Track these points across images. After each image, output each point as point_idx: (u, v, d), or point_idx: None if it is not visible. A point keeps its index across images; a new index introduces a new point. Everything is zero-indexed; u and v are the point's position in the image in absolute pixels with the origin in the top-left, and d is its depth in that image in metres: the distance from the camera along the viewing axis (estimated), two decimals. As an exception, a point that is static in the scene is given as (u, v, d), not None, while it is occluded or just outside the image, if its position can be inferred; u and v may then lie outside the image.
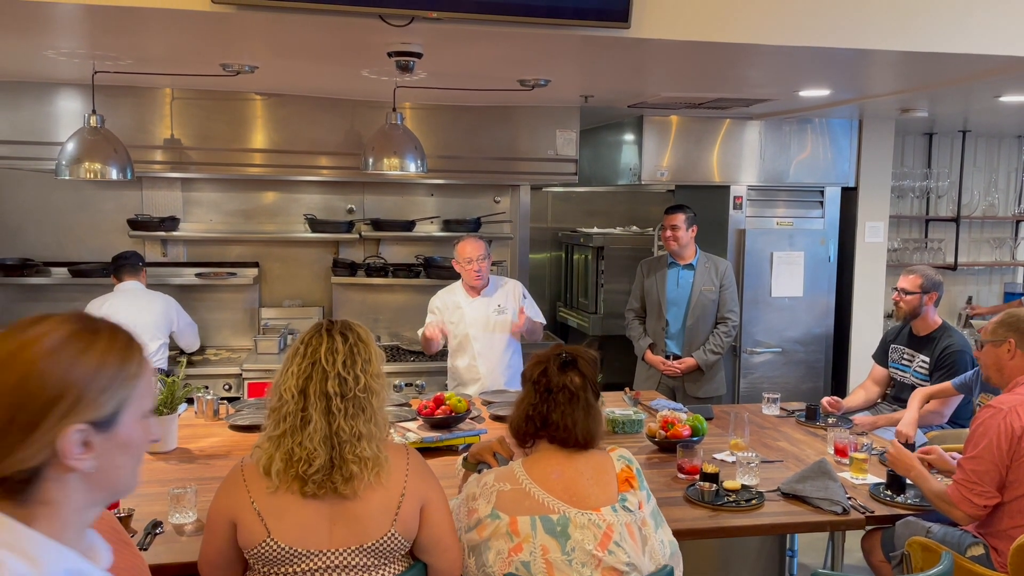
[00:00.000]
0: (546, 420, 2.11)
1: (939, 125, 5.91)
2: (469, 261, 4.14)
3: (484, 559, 2.05)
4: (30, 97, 4.45)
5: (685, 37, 2.94)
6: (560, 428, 2.10)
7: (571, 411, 2.10)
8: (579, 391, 2.13)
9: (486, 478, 2.14)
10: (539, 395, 2.13)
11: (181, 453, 3.21)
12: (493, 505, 2.06)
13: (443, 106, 4.91)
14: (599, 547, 2.00)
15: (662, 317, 4.66)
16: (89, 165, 3.68)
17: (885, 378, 4.22)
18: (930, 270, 4.02)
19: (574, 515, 2.03)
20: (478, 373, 4.24)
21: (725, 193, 5.41)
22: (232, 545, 1.99)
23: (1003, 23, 3.10)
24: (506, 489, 2.07)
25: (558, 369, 2.14)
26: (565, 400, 2.10)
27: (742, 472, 2.95)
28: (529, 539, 2.01)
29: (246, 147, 4.73)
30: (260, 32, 3.03)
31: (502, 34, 2.90)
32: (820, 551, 4.02)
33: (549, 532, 2.01)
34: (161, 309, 4.50)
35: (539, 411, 2.12)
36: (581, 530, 2.01)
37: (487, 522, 2.05)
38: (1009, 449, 2.52)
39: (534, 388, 2.15)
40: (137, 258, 4.56)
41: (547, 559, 1.99)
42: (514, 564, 2.00)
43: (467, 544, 2.10)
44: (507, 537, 2.02)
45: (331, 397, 1.95)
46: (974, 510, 2.56)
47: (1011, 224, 6.63)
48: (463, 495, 2.20)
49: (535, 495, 2.05)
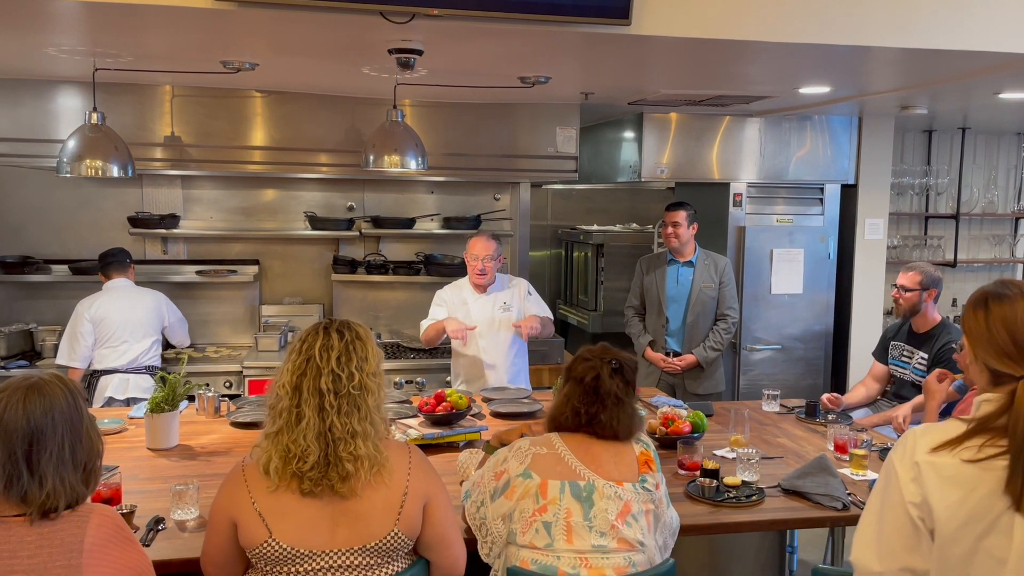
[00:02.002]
0: (593, 419, 2.24)
1: (939, 122, 5.91)
2: (475, 258, 4.14)
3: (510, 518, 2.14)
4: (31, 94, 4.45)
5: (685, 34, 2.95)
6: (607, 427, 2.24)
7: (617, 413, 2.25)
8: (625, 397, 2.27)
9: (520, 442, 2.26)
10: (587, 395, 2.25)
11: (182, 450, 3.21)
12: (527, 465, 2.17)
13: (443, 103, 4.91)
14: (619, 518, 2.13)
15: (662, 314, 4.67)
16: (90, 163, 3.68)
17: (885, 375, 4.23)
18: (929, 267, 4.02)
19: (601, 485, 2.15)
20: (482, 370, 4.23)
21: (725, 190, 5.42)
22: (233, 543, 1.99)
23: (1003, 20, 3.11)
24: (543, 452, 2.20)
25: (609, 375, 2.26)
26: (614, 404, 2.25)
27: (742, 468, 2.95)
28: (556, 502, 2.12)
29: (246, 144, 4.73)
30: (261, 29, 3.03)
31: (503, 31, 2.91)
32: (820, 547, 4.03)
33: (576, 496, 2.13)
34: (152, 306, 4.48)
35: (589, 411, 2.24)
36: (606, 500, 2.13)
37: (517, 481, 2.16)
38: None
39: (582, 387, 2.26)
40: (124, 255, 4.53)
41: (569, 522, 2.11)
42: (535, 524, 2.11)
43: (494, 514, 2.17)
44: (534, 498, 2.13)
45: (324, 394, 1.95)
46: None
47: (1010, 221, 6.63)
48: (488, 464, 2.29)
49: (568, 461, 2.18)
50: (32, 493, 1.67)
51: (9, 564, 1.63)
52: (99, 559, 1.69)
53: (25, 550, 1.64)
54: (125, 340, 4.35)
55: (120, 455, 3.06)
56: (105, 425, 3.41)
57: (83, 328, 4.30)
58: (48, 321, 4.96)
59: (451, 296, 4.26)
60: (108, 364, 4.33)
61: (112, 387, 4.31)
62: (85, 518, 1.71)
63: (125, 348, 4.35)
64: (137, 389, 4.30)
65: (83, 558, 1.66)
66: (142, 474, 2.91)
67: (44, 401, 1.70)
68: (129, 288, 4.48)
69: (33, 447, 1.67)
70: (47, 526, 1.68)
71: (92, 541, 1.68)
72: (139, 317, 4.40)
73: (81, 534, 1.68)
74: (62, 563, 1.65)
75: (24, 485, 1.67)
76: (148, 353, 4.43)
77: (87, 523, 1.70)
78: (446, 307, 4.22)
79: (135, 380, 4.34)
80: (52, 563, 1.64)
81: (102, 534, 1.71)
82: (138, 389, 4.29)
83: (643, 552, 2.14)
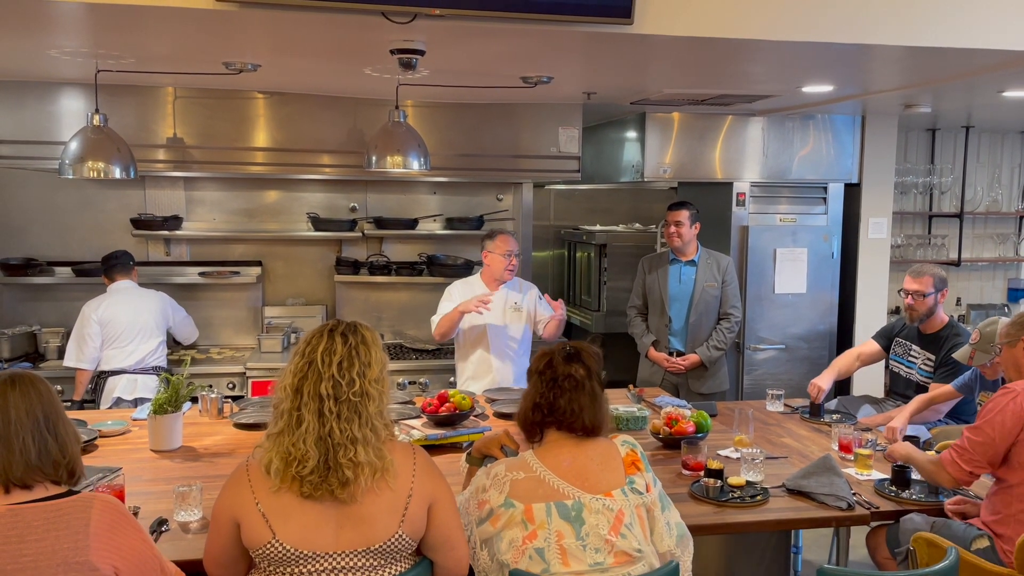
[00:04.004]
0: (553, 407, 2.16)
1: (942, 121, 5.90)
2: (508, 254, 4.19)
3: (497, 548, 2.07)
4: (33, 96, 4.45)
5: (688, 33, 2.94)
6: (567, 413, 2.15)
7: (577, 397, 2.16)
8: (584, 380, 2.19)
9: (496, 468, 2.17)
10: (545, 384, 2.19)
11: (186, 451, 3.21)
12: (506, 494, 2.09)
13: (446, 104, 4.90)
14: (612, 531, 2.05)
15: (665, 314, 4.66)
16: (92, 164, 3.69)
17: (873, 357, 4.26)
18: (935, 268, 4.00)
19: (588, 500, 2.08)
20: (491, 367, 4.25)
21: (728, 190, 5.41)
22: (236, 544, 1.99)
23: (1006, 18, 3.10)
24: (520, 477, 2.11)
25: (563, 360, 2.21)
26: (571, 387, 2.17)
27: (747, 468, 2.94)
28: (544, 526, 2.05)
29: (249, 146, 4.73)
30: (263, 30, 3.03)
31: (505, 30, 2.90)
32: (825, 547, 4.02)
33: (564, 518, 2.05)
34: (157, 307, 4.51)
35: (546, 399, 2.17)
36: (595, 515, 2.06)
37: (500, 511, 2.08)
38: (1015, 428, 2.57)
39: (540, 379, 2.21)
40: (127, 257, 4.55)
41: (562, 545, 2.03)
42: (527, 552, 2.03)
43: (479, 537, 2.12)
44: (522, 525, 2.05)
45: (324, 399, 1.93)
46: (960, 474, 2.68)
47: (1015, 220, 6.62)
48: (471, 488, 2.22)
49: (549, 482, 2.10)
50: (58, 459, 1.83)
51: (18, 548, 1.71)
52: (105, 542, 1.76)
53: (33, 534, 1.73)
54: (132, 341, 4.37)
55: (123, 457, 3.06)
56: (108, 427, 3.42)
57: (91, 330, 4.31)
58: (51, 323, 4.97)
59: (461, 291, 4.29)
60: (116, 365, 4.36)
61: (120, 387, 4.33)
62: (89, 503, 1.80)
63: (132, 349, 4.37)
64: (145, 389, 4.32)
65: (89, 540, 1.74)
66: (145, 476, 2.90)
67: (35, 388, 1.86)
68: (133, 290, 4.49)
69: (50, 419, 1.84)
70: (52, 511, 1.76)
71: (97, 524, 1.77)
72: (146, 319, 4.42)
73: (86, 518, 1.77)
74: (70, 545, 1.73)
75: (51, 452, 1.82)
76: (155, 353, 4.45)
77: (91, 508, 1.79)
78: (455, 302, 4.21)
79: (143, 380, 4.36)
80: (60, 545, 1.72)
81: (106, 519, 1.79)
82: (146, 389, 4.31)
83: (642, 559, 2.09)
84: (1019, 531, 2.49)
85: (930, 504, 2.81)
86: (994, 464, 2.64)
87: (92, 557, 1.73)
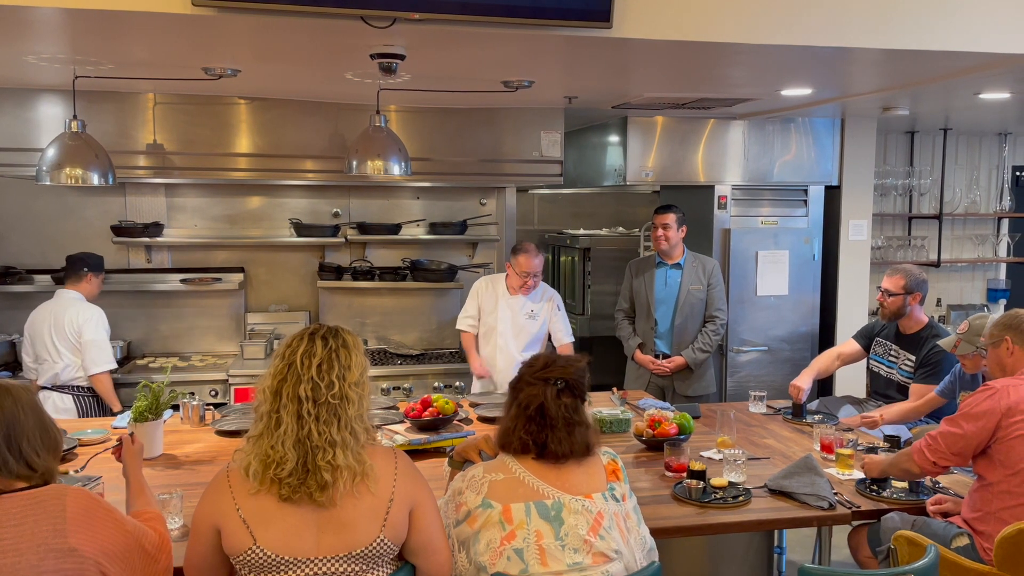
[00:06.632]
0: (544, 447, 2.11)
1: (920, 123, 5.96)
2: (525, 275, 4.37)
3: (475, 550, 2.06)
4: (10, 103, 4.42)
5: (667, 37, 2.96)
6: (558, 453, 2.11)
7: (568, 438, 2.11)
8: (574, 415, 2.14)
9: (473, 471, 2.16)
10: (535, 423, 2.12)
11: (167, 459, 3.19)
12: (484, 495, 2.08)
13: (427, 109, 4.91)
14: (591, 532, 2.05)
15: (651, 317, 4.67)
16: (70, 171, 3.65)
17: (853, 357, 4.30)
18: (914, 269, 4.03)
19: (568, 500, 2.07)
20: (497, 365, 4.43)
21: (710, 193, 5.44)
22: (217, 550, 1.97)
23: (982, 20, 3.14)
24: (498, 479, 2.10)
25: (555, 398, 2.13)
26: (563, 427, 2.11)
27: (729, 469, 2.96)
28: (523, 525, 2.04)
29: (230, 151, 4.71)
30: (242, 34, 3.02)
31: (485, 35, 2.91)
32: (808, 548, 4.04)
33: (544, 517, 2.05)
34: (68, 322, 4.17)
35: (538, 440, 2.11)
36: (575, 515, 2.05)
37: (477, 512, 2.07)
38: (994, 426, 2.59)
39: (527, 416, 2.13)
40: (82, 264, 4.33)
41: (541, 545, 2.02)
42: (505, 553, 2.02)
43: (456, 538, 2.11)
44: (499, 526, 2.04)
45: (303, 401, 1.93)
46: (927, 465, 2.72)
47: (993, 221, 6.69)
48: (449, 492, 2.21)
49: (528, 482, 2.09)
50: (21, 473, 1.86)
51: None
52: (84, 527, 1.82)
53: (10, 520, 1.79)
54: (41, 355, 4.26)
55: (103, 465, 3.03)
56: (88, 435, 3.38)
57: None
58: (31, 332, 4.91)
59: (486, 289, 4.53)
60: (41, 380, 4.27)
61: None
62: (63, 491, 1.87)
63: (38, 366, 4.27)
64: (54, 409, 4.17)
65: (67, 524, 1.80)
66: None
67: (10, 398, 1.89)
68: (66, 300, 4.28)
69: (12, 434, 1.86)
70: (27, 499, 1.82)
71: (73, 510, 1.83)
72: (47, 333, 4.24)
73: (62, 504, 1.83)
74: (48, 529, 1.79)
75: (12, 467, 1.85)
76: (68, 370, 4.23)
77: (65, 495, 1.86)
78: (478, 300, 4.52)
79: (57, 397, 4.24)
80: (39, 528, 1.78)
81: (80, 504, 1.85)
82: (55, 409, 4.17)
83: (620, 560, 2.08)
84: (999, 528, 2.51)
85: (911, 503, 2.83)
86: (962, 458, 2.67)
87: (72, 541, 1.79)
